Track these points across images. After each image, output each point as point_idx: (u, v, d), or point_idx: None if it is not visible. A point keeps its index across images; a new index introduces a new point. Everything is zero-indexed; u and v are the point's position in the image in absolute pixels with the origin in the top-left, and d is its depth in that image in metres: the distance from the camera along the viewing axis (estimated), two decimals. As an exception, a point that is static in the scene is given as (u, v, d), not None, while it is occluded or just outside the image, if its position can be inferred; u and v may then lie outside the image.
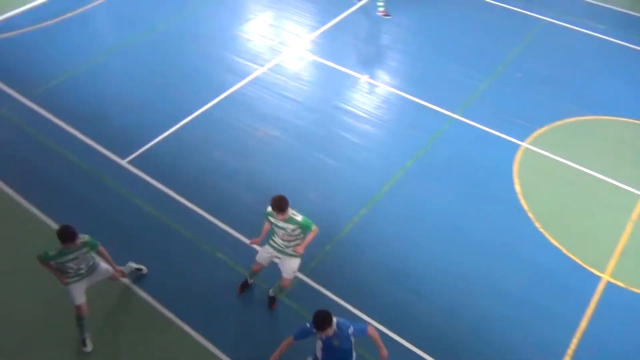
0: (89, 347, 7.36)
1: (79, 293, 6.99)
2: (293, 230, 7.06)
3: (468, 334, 7.75)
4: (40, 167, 9.82)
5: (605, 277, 8.40)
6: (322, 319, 5.81)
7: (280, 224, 7.02)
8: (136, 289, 8.08)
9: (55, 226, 8.79)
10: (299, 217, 7.02)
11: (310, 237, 7.20)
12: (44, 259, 6.66)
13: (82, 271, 6.89)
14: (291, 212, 6.97)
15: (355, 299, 8.02)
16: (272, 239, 7.39)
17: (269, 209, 6.99)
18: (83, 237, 6.65)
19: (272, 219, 7.10)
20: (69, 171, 9.73)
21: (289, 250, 7.29)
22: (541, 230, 9.01)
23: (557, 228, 9.04)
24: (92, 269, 7.03)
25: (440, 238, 8.91)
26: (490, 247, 8.79)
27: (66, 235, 6.41)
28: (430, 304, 8.07)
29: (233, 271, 8.27)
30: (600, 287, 8.28)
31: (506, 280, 8.37)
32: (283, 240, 7.22)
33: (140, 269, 8.06)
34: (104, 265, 7.17)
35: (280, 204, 6.79)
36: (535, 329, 7.82)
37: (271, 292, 7.88)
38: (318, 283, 8.18)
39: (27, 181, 9.59)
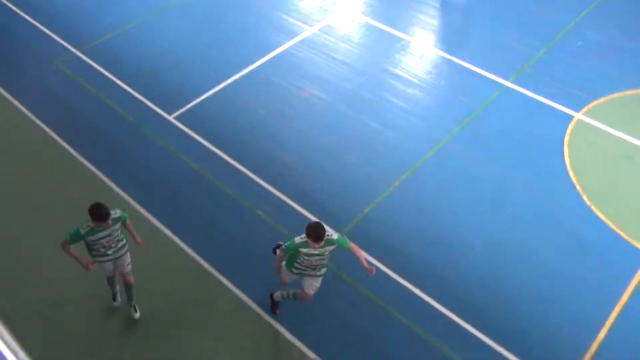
0: (118, 302, 7.48)
1: (109, 269, 6.88)
2: (330, 252, 6.44)
3: (505, 302, 7.63)
4: (89, 118, 10.08)
5: (655, 255, 8.09)
6: None
7: (316, 251, 6.31)
8: (177, 240, 8.27)
9: (100, 174, 9.09)
10: (335, 236, 6.37)
11: (361, 253, 6.61)
12: (72, 239, 6.27)
13: (110, 252, 6.59)
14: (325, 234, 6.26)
15: (391, 263, 7.99)
16: (297, 266, 6.63)
17: (299, 239, 6.27)
18: (115, 214, 6.31)
19: (303, 250, 6.32)
20: (116, 123, 9.97)
21: (318, 273, 6.74)
22: (588, 203, 8.68)
23: (605, 202, 8.71)
24: (118, 255, 6.72)
25: (482, 207, 8.72)
26: (533, 218, 8.55)
27: (99, 215, 6.07)
28: (467, 271, 7.95)
29: (272, 229, 8.35)
30: (648, 264, 7.99)
31: (547, 251, 8.15)
32: (313, 265, 6.55)
33: (136, 310, 7.39)
34: (127, 258, 6.84)
35: (319, 234, 6.05)
36: (574, 300, 7.64)
37: (277, 297, 7.26)
38: (355, 243, 8.14)
39: (75, 130, 9.87)
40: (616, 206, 8.69)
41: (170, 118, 10.03)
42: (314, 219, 8.44)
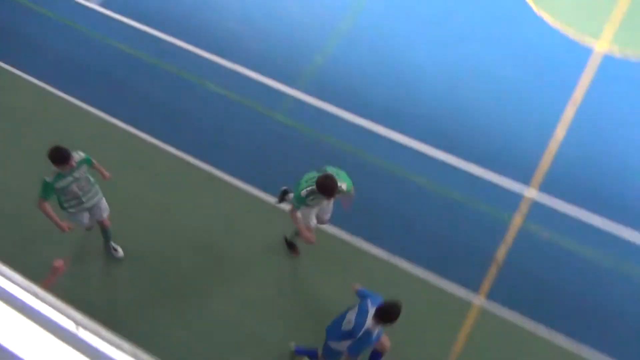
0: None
1: (84, 218, 6.49)
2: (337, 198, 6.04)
3: (466, 119, 7.82)
4: (7, 22, 9.33)
5: (602, 47, 8.23)
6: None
7: (327, 202, 5.97)
8: (135, 131, 7.94)
9: (39, 83, 8.53)
10: (344, 185, 5.75)
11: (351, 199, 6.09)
12: (45, 192, 5.89)
13: (84, 199, 6.20)
14: None
15: (351, 105, 7.98)
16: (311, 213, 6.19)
17: (306, 192, 5.69)
18: (79, 155, 6.00)
19: (312, 202, 5.86)
20: (38, 22, 9.28)
21: None
22: (535, 9, 8.66)
23: (551, 5, 8.69)
24: (93, 203, 6.34)
25: (431, 33, 8.66)
26: (482, 34, 8.57)
27: (59, 157, 5.73)
28: (426, 97, 8.05)
29: (226, 99, 8.17)
30: (597, 57, 8.15)
31: (499, 62, 8.28)
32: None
33: (116, 250, 7.05)
34: (104, 203, 6.46)
35: (334, 189, 5.51)
36: (530, 102, 7.89)
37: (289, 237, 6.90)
38: (313, 96, 8.11)
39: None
40: (561, 7, 8.68)
41: (95, 5, 9.36)
42: (266, 81, 8.25)
